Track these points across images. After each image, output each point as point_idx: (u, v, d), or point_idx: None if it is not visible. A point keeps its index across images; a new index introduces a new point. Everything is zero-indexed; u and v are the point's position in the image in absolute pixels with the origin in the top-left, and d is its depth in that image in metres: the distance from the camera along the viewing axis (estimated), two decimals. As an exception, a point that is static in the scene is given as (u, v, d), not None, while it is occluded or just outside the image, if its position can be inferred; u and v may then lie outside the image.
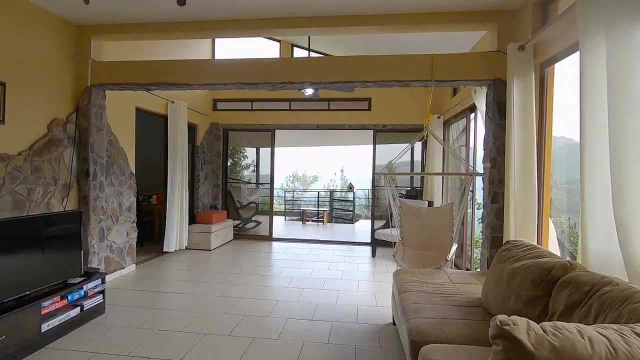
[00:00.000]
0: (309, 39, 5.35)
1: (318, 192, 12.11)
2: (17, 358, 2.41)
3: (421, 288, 2.63)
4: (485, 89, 3.48)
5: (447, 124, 5.73)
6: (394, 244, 3.92)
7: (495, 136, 3.18)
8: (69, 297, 2.90)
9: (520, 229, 2.78)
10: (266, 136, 7.11)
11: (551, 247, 2.77)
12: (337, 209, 11.13)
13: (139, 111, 4.76)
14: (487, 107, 3.33)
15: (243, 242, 6.69)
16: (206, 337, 2.84)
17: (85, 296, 3.06)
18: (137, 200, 5.13)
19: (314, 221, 10.20)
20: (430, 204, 5.72)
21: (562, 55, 2.61)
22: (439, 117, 5.72)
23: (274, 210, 7.40)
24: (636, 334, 1.06)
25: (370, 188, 9.10)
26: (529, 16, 2.96)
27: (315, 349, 2.69)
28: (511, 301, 1.99)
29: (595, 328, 1.07)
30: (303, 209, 10.60)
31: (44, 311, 2.65)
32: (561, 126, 2.85)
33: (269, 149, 7.15)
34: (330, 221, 10.19)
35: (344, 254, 5.89)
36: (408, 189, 6.81)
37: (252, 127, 7.04)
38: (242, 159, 7.83)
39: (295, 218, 10.80)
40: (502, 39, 3.17)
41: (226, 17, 3.46)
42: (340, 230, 8.88)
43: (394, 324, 3.06)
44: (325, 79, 3.47)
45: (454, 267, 3.70)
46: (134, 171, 4.64)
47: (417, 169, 6.83)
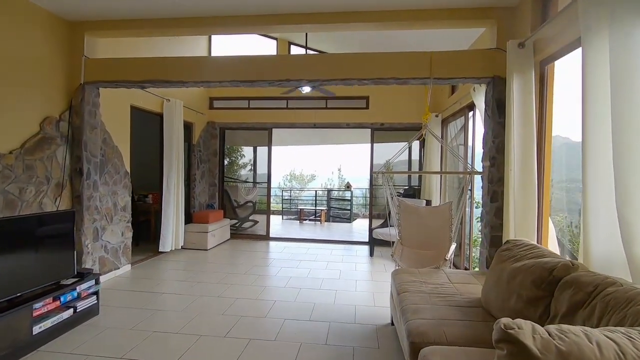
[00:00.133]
0: (306, 37, 5.30)
1: (315, 191, 12.06)
2: (7, 361, 2.36)
3: (420, 288, 2.59)
4: (484, 87, 3.45)
5: (445, 123, 5.70)
6: (392, 243, 3.89)
7: (494, 134, 3.15)
8: (62, 299, 2.84)
9: (520, 228, 2.75)
10: (263, 135, 7.06)
11: (551, 246, 2.74)
12: (334, 208, 11.10)
13: (134, 109, 4.70)
14: (486, 105, 3.30)
15: (240, 242, 6.64)
16: (202, 338, 2.79)
17: (79, 297, 3.01)
18: (133, 199, 5.07)
19: (311, 220, 10.16)
20: (428, 202, 5.69)
21: (563, 53, 2.58)
22: (437, 116, 5.68)
23: (271, 209, 7.36)
24: (644, 337, 1.02)
25: (367, 187, 9.08)
26: (528, 13, 2.92)
27: (313, 350, 2.65)
28: (512, 301, 1.96)
29: (603, 331, 1.03)
30: (300, 208, 10.56)
31: (35, 313, 2.59)
32: (557, 125, 2.83)
33: (266, 147, 7.10)
34: (327, 220, 10.16)
35: (341, 254, 5.85)
36: (406, 187, 6.78)
37: (249, 126, 6.99)
38: (239, 158, 7.77)
39: (293, 217, 10.75)
40: (501, 36, 3.14)
41: (222, 13, 3.40)
42: (337, 230, 8.85)
43: (392, 324, 3.03)
44: (322, 76, 3.43)
45: (453, 267, 3.67)
46: (128, 170, 4.57)
47: (415, 168, 6.80)
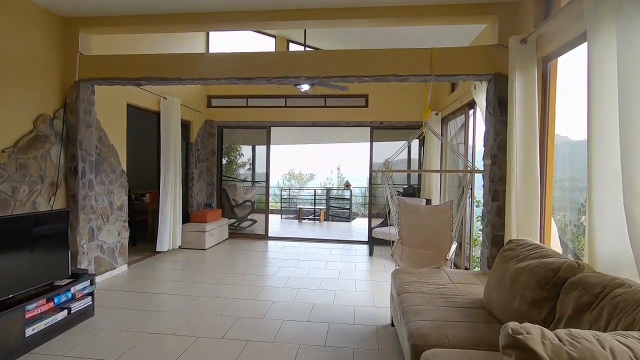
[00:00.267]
0: (304, 34, 5.23)
1: (314, 190, 12.00)
2: (-1, 364, 2.31)
3: (421, 289, 2.55)
4: (485, 85, 3.40)
5: (445, 121, 5.65)
6: (392, 242, 3.84)
7: (496, 132, 3.10)
8: (56, 300, 2.79)
9: (522, 227, 2.70)
10: (262, 134, 7.00)
11: (553, 245, 2.70)
12: (333, 207, 11.05)
13: (131, 107, 4.64)
14: (488, 103, 3.25)
15: (238, 241, 6.58)
16: (199, 340, 2.74)
17: (73, 298, 2.95)
18: (130, 198, 5.02)
19: (310, 219, 10.10)
20: (428, 201, 5.65)
21: (566, 49, 2.52)
22: (436, 114, 5.63)
23: (270, 208, 7.31)
24: (658, 343, 0.97)
25: (367, 186, 9.03)
26: (531, 8, 2.87)
27: (312, 352, 2.60)
28: (515, 303, 1.91)
29: (615, 336, 0.98)
30: (299, 207, 10.51)
31: (28, 315, 2.54)
32: (556, 123, 2.79)
33: (265, 146, 7.04)
34: (326, 219, 10.10)
35: (340, 253, 5.81)
36: (405, 186, 6.73)
37: (247, 124, 6.93)
38: (238, 157, 7.71)
39: (292, 216, 10.70)
40: (503, 32, 3.09)
41: (219, 9, 3.34)
42: (337, 229, 8.80)
43: (392, 325, 2.98)
44: (321, 73, 3.37)
45: (453, 266, 3.63)
46: (125, 169, 4.51)
47: (414, 167, 6.75)
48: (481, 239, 3.94)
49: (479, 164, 3.52)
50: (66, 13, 3.47)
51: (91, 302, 3.11)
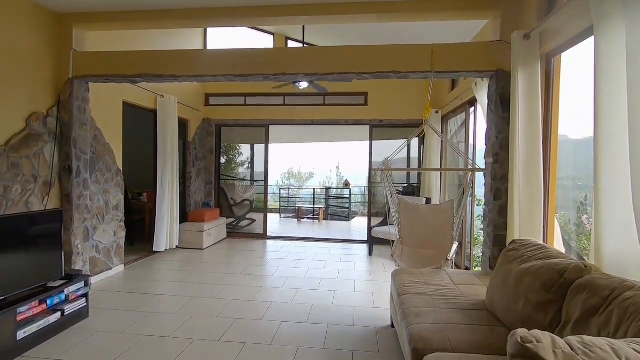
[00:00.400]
0: (303, 30, 5.16)
1: (314, 189, 11.93)
2: (-11, 368, 2.25)
3: (422, 290, 2.49)
4: (486, 82, 3.34)
5: (445, 119, 5.59)
6: (392, 242, 3.79)
7: (498, 130, 3.04)
8: (48, 302, 2.73)
9: (524, 226, 2.65)
10: (260, 132, 6.94)
11: (556, 245, 2.64)
12: (333, 206, 10.99)
13: (127, 105, 4.57)
14: (490, 100, 3.19)
15: (237, 241, 6.52)
16: (195, 342, 2.69)
17: (67, 300, 2.89)
18: (127, 198, 4.96)
19: (309, 219, 10.05)
20: (428, 200, 5.59)
21: (570, 44, 2.46)
22: (437, 112, 5.57)
23: (269, 207, 7.24)
24: (676, 351, 0.92)
25: (366, 185, 8.97)
26: (534, 3, 2.81)
27: (311, 354, 2.54)
28: (519, 305, 1.86)
29: (631, 345, 0.93)
30: (298, 206, 10.46)
31: (20, 317, 2.48)
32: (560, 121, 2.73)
33: (264, 145, 6.97)
34: (326, 218, 10.05)
35: (340, 253, 5.75)
36: (405, 185, 6.67)
37: (245, 123, 6.86)
38: (237, 155, 7.64)
39: (291, 215, 10.64)
40: (505, 27, 3.02)
41: (216, 5, 3.27)
42: (336, 228, 8.75)
43: (392, 326, 2.93)
44: (320, 70, 3.31)
45: (454, 267, 3.57)
46: (121, 168, 4.45)
47: (414, 166, 6.69)
48: (482, 238, 3.89)
49: (480, 163, 3.46)
50: (59, 8, 3.40)
51: (85, 304, 3.05)
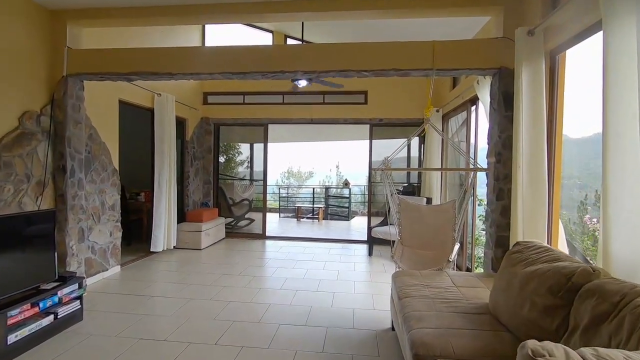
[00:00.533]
0: (302, 27, 5.09)
1: (313, 188, 11.85)
2: (-22, 374, 2.19)
3: (423, 292, 2.43)
4: (488, 80, 3.28)
5: (446, 118, 5.53)
6: (392, 242, 3.73)
7: (500, 129, 2.97)
8: (41, 305, 2.66)
9: (528, 227, 2.58)
10: (259, 131, 6.87)
11: (560, 247, 2.58)
12: (332, 206, 10.93)
13: (123, 104, 4.50)
14: (492, 98, 3.12)
15: (235, 241, 6.46)
16: (191, 346, 2.63)
17: (60, 302, 2.82)
18: (124, 198, 4.90)
19: (308, 218, 9.99)
20: (428, 200, 5.52)
21: (575, 41, 2.40)
22: (437, 111, 5.51)
23: (268, 207, 7.18)
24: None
25: (366, 184, 8.90)
26: (538, -1, 2.74)
27: (309, 358, 2.48)
28: (525, 310, 1.80)
29: (650, 358, 0.87)
30: (298, 206, 10.39)
31: (11, 321, 2.41)
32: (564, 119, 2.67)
33: (263, 144, 6.90)
34: (325, 218, 9.98)
35: (339, 253, 5.69)
36: (405, 185, 6.60)
37: (244, 122, 6.79)
38: (236, 155, 7.57)
39: (290, 215, 10.57)
40: (508, 24, 2.96)
41: (213, 1, 3.20)
42: (335, 228, 8.69)
43: (392, 329, 2.87)
44: (319, 67, 3.24)
45: (455, 267, 3.51)
46: (117, 167, 4.38)
47: (414, 165, 6.62)
48: (483, 238, 3.83)
49: (481, 162, 3.40)
50: (53, 5, 3.33)
51: (80, 306, 2.99)
